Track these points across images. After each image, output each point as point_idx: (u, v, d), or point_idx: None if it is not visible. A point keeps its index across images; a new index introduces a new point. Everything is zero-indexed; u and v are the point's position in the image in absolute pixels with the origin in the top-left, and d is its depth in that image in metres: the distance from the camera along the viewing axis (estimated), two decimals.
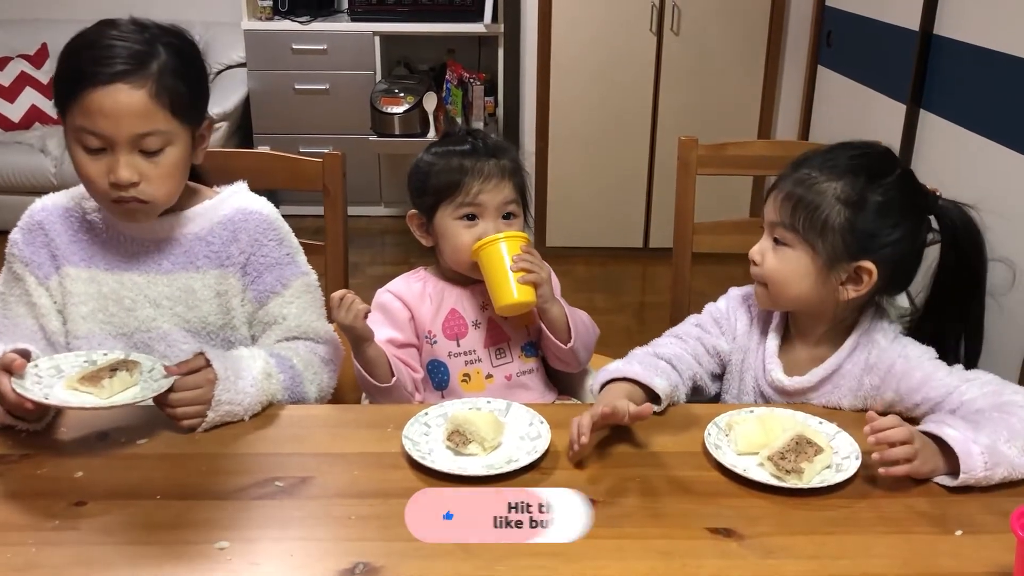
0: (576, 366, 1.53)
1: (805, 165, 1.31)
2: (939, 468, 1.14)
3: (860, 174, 1.27)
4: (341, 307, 1.32)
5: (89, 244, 1.39)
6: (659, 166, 3.95)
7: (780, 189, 1.31)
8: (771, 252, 1.32)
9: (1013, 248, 2.00)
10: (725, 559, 1.01)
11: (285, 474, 1.15)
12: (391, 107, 4.04)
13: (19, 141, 4.09)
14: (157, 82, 1.25)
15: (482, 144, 1.48)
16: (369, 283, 1.56)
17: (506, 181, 1.46)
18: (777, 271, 1.31)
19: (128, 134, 1.24)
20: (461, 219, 1.45)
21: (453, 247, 1.46)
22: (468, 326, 1.50)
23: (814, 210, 1.27)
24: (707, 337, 1.42)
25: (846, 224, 1.26)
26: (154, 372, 1.23)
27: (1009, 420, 1.16)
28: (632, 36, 3.78)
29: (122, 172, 1.24)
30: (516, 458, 1.17)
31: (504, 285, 1.40)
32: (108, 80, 1.22)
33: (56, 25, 4.31)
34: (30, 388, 1.15)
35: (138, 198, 1.28)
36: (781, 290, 1.32)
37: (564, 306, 1.48)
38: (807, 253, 1.29)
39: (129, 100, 1.23)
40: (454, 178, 1.44)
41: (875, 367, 1.31)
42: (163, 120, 1.26)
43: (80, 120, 1.24)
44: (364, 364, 1.38)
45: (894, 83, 2.65)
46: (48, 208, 1.41)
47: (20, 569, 0.98)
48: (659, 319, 1.54)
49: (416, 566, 0.99)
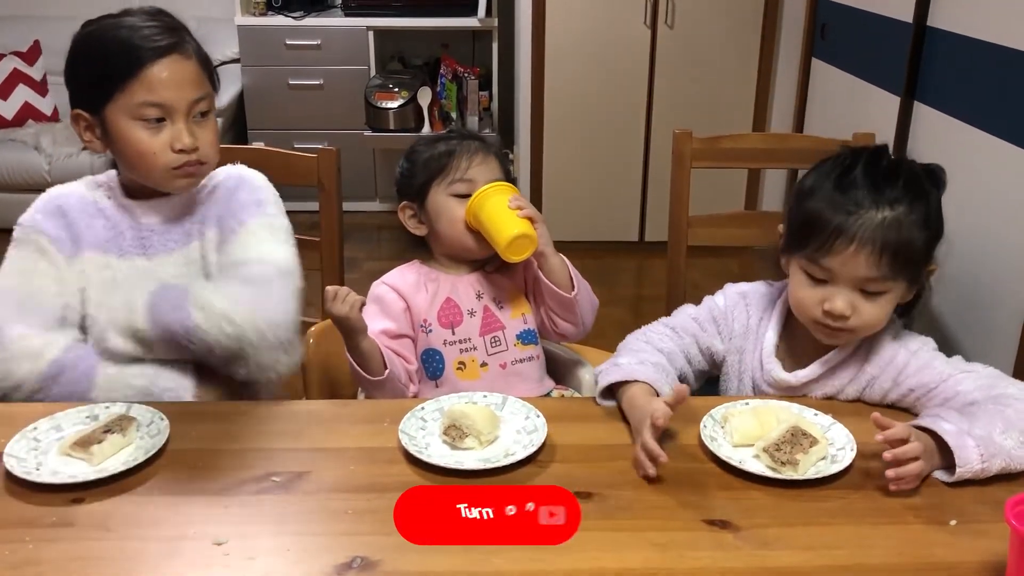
0: (578, 325, 1.53)
1: (863, 205, 1.21)
2: (936, 465, 1.14)
3: (914, 189, 1.24)
4: (336, 299, 1.32)
5: (103, 230, 1.42)
6: (654, 159, 3.95)
7: (862, 241, 1.20)
8: (864, 303, 1.24)
9: (1006, 238, 2.00)
10: (721, 551, 1.01)
11: (281, 469, 1.15)
12: (385, 102, 4.04)
13: (12, 139, 4.07)
14: (197, 52, 1.37)
15: (466, 132, 1.56)
16: (365, 278, 1.55)
17: (492, 157, 1.51)
18: (874, 317, 1.25)
19: (187, 100, 1.33)
20: (453, 196, 1.48)
21: (449, 221, 1.49)
22: (463, 314, 1.50)
23: (910, 250, 1.22)
24: (703, 336, 1.41)
25: (927, 244, 1.24)
26: (152, 426, 1.22)
27: (1005, 412, 1.16)
28: (626, 29, 3.78)
29: (187, 138, 1.33)
30: (513, 452, 1.18)
31: (507, 221, 1.42)
32: (163, 53, 1.31)
33: (49, 22, 4.30)
34: (24, 457, 1.15)
35: (200, 160, 1.36)
36: (871, 330, 1.28)
37: (563, 258, 1.50)
38: (900, 287, 1.25)
39: (184, 68, 1.33)
40: (443, 159, 1.50)
41: (876, 358, 1.30)
42: (208, 86, 1.38)
43: (141, 95, 1.31)
44: (357, 358, 1.38)
45: (888, 75, 2.66)
46: (66, 194, 1.45)
47: (17, 566, 0.98)
48: (654, 312, 1.54)
49: (413, 560, 0.99)
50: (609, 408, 1.31)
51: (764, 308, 1.40)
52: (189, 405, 1.34)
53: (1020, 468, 1.13)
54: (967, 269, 2.13)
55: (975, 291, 2.11)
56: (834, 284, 1.24)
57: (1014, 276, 1.98)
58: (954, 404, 1.22)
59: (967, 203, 2.09)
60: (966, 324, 2.15)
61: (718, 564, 0.99)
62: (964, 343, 2.14)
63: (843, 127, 2.74)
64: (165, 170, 1.35)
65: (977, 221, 2.10)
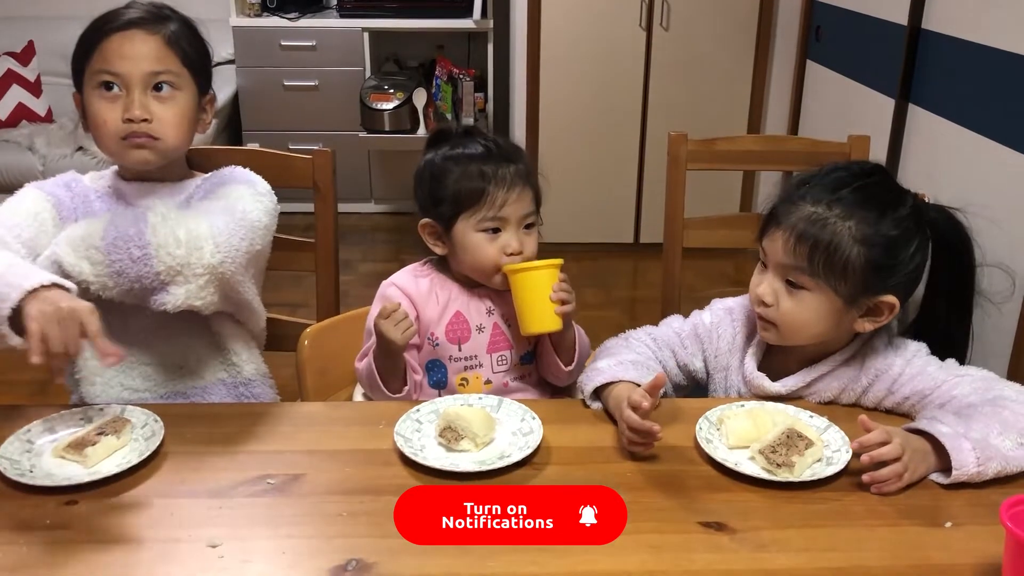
0: (565, 383, 1.52)
1: (806, 199, 1.25)
2: (931, 468, 1.14)
3: (871, 208, 1.23)
4: (391, 320, 1.31)
5: (99, 214, 1.42)
6: (649, 161, 3.95)
7: (786, 227, 1.25)
8: (785, 295, 1.27)
9: (1001, 243, 2.01)
10: (717, 553, 1.01)
11: (276, 471, 1.15)
12: (381, 103, 4.03)
13: (6, 139, 4.05)
14: (171, 33, 1.39)
15: (495, 147, 1.43)
16: (360, 280, 1.55)
17: (527, 189, 1.42)
18: (794, 315, 1.27)
19: (142, 72, 1.35)
20: (484, 231, 1.40)
21: (476, 259, 1.41)
22: (471, 331, 1.47)
23: (832, 252, 1.22)
24: (682, 352, 1.41)
25: (866, 264, 1.22)
26: (146, 428, 1.21)
27: (1001, 413, 1.16)
28: (621, 31, 3.78)
29: (136, 109, 1.35)
30: (508, 454, 1.17)
31: (543, 313, 1.36)
32: (125, 26, 1.36)
33: (43, 22, 4.28)
34: (18, 459, 1.15)
35: (149, 134, 1.37)
36: (796, 332, 1.29)
37: (575, 329, 1.46)
38: (826, 295, 1.24)
39: (144, 42, 1.36)
40: (476, 186, 1.39)
41: (870, 367, 1.30)
42: (174, 65, 1.38)
43: (98, 64, 1.35)
44: (384, 372, 1.37)
45: (883, 78, 2.66)
46: (75, 177, 1.49)
47: (11, 569, 0.97)
48: (649, 314, 1.54)
49: (408, 563, 0.99)
50: (593, 409, 1.31)
51: (751, 322, 1.39)
52: (183, 407, 1.34)
53: (1017, 470, 1.13)
54: None
55: None
56: (768, 271, 1.29)
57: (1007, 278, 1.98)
58: (951, 408, 1.22)
59: (960, 204, 2.09)
60: None
61: (713, 566, 0.99)
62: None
63: (838, 129, 2.75)
64: (115, 139, 1.37)
65: (970, 222, 2.10)
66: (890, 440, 1.10)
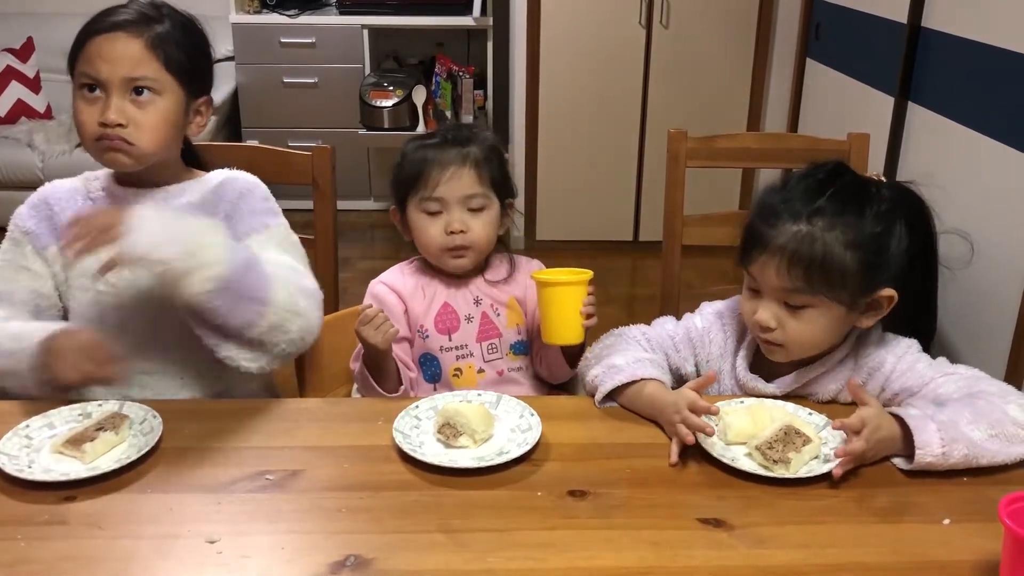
0: (559, 381, 1.54)
1: (782, 217, 1.23)
2: (899, 449, 1.14)
3: (850, 212, 1.23)
4: (371, 324, 1.32)
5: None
6: (648, 159, 3.95)
7: (773, 251, 1.23)
8: (788, 317, 1.25)
9: (1002, 239, 2.01)
10: (715, 549, 1.01)
11: (275, 467, 1.15)
12: (380, 101, 4.03)
13: (5, 136, 4.05)
14: (156, 37, 1.35)
15: (450, 134, 1.49)
16: (359, 277, 1.55)
17: (467, 170, 1.45)
18: (802, 333, 1.26)
19: (119, 76, 1.32)
20: (426, 212, 1.46)
21: (421, 240, 1.48)
22: (460, 320, 1.49)
23: (828, 266, 1.21)
24: (674, 356, 1.40)
25: (860, 267, 1.22)
26: (144, 424, 1.21)
27: (976, 403, 1.16)
28: (621, 29, 3.78)
29: (111, 113, 1.32)
30: (507, 450, 1.18)
31: (571, 327, 1.36)
32: (109, 28, 1.33)
33: (42, 19, 4.28)
34: (16, 455, 1.15)
35: (124, 138, 1.33)
36: (806, 348, 1.28)
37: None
38: (828, 308, 1.24)
39: (126, 45, 1.33)
40: (416, 169, 1.46)
41: (863, 365, 1.31)
42: (155, 70, 1.34)
43: (82, 66, 1.34)
44: (376, 375, 1.38)
45: (882, 76, 2.66)
46: (55, 186, 1.46)
47: (9, 564, 0.97)
48: (648, 312, 1.54)
49: (407, 558, 0.99)
50: (604, 407, 1.31)
51: (740, 325, 1.39)
52: (182, 403, 1.34)
53: (986, 462, 1.13)
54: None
55: (968, 291, 2.12)
56: (763, 295, 1.27)
57: (1007, 276, 1.98)
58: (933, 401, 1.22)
59: (960, 203, 2.09)
60: (958, 324, 2.15)
61: (712, 563, 0.99)
62: (956, 343, 2.15)
63: (837, 127, 2.75)
64: (91, 141, 1.36)
65: (970, 221, 2.10)
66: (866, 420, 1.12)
